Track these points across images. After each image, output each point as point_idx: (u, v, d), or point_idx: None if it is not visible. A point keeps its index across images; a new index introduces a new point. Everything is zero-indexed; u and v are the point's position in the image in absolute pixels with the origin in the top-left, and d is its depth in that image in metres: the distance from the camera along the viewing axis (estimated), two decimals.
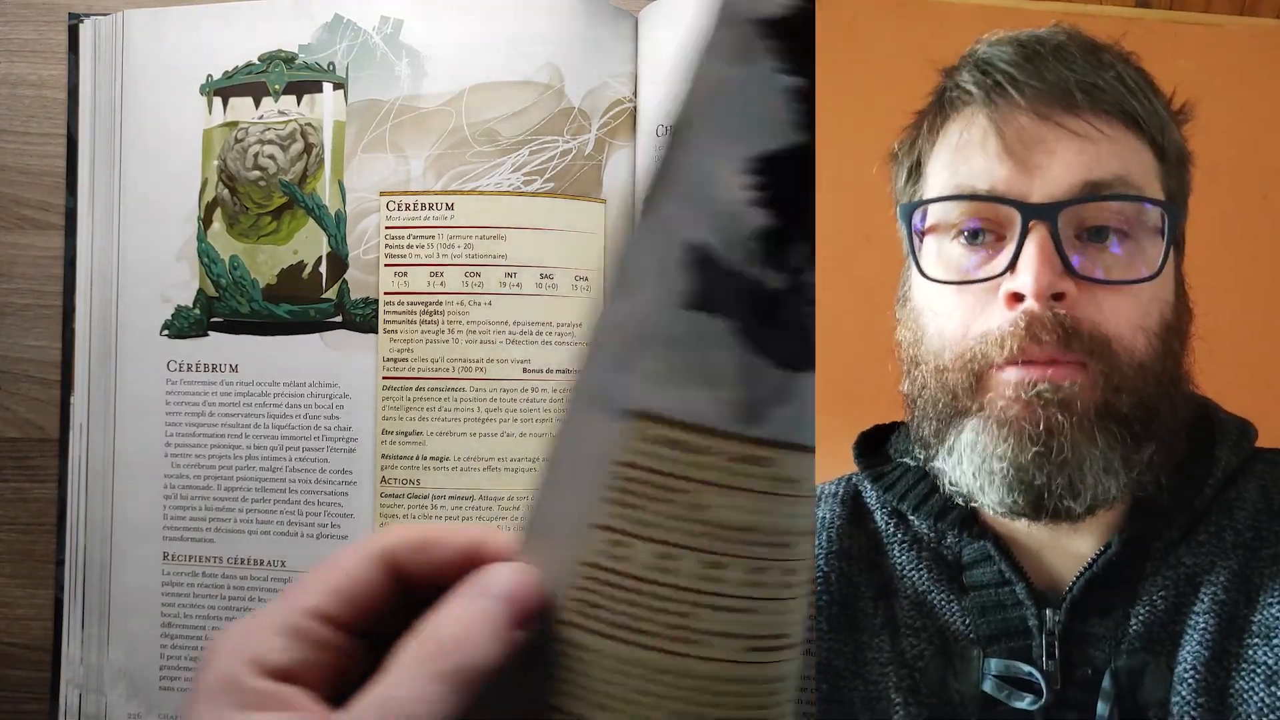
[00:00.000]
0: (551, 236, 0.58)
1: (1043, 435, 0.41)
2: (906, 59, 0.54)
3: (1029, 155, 0.42)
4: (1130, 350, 0.41)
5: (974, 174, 0.43)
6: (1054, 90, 0.42)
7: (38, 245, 0.63)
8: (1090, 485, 0.41)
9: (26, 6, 0.64)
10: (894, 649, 0.45)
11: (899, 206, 0.46)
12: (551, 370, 0.57)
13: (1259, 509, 0.44)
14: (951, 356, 0.43)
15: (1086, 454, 0.41)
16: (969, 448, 0.42)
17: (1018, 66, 0.43)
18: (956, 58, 0.46)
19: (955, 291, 0.43)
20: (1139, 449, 0.42)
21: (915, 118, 0.47)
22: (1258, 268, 0.52)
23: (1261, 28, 0.58)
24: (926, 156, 0.46)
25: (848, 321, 0.52)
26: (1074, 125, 0.42)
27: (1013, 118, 0.43)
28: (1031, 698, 0.42)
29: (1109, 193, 0.42)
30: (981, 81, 0.43)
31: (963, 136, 0.44)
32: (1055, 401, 0.41)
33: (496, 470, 0.57)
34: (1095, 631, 0.43)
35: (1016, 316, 0.41)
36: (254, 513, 0.60)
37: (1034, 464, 0.41)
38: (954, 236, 0.44)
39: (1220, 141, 0.45)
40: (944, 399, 0.43)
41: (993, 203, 0.42)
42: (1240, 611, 0.42)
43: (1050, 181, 0.42)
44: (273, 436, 0.59)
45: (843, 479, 0.49)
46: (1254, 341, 0.50)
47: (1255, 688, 0.41)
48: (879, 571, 0.46)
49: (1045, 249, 0.41)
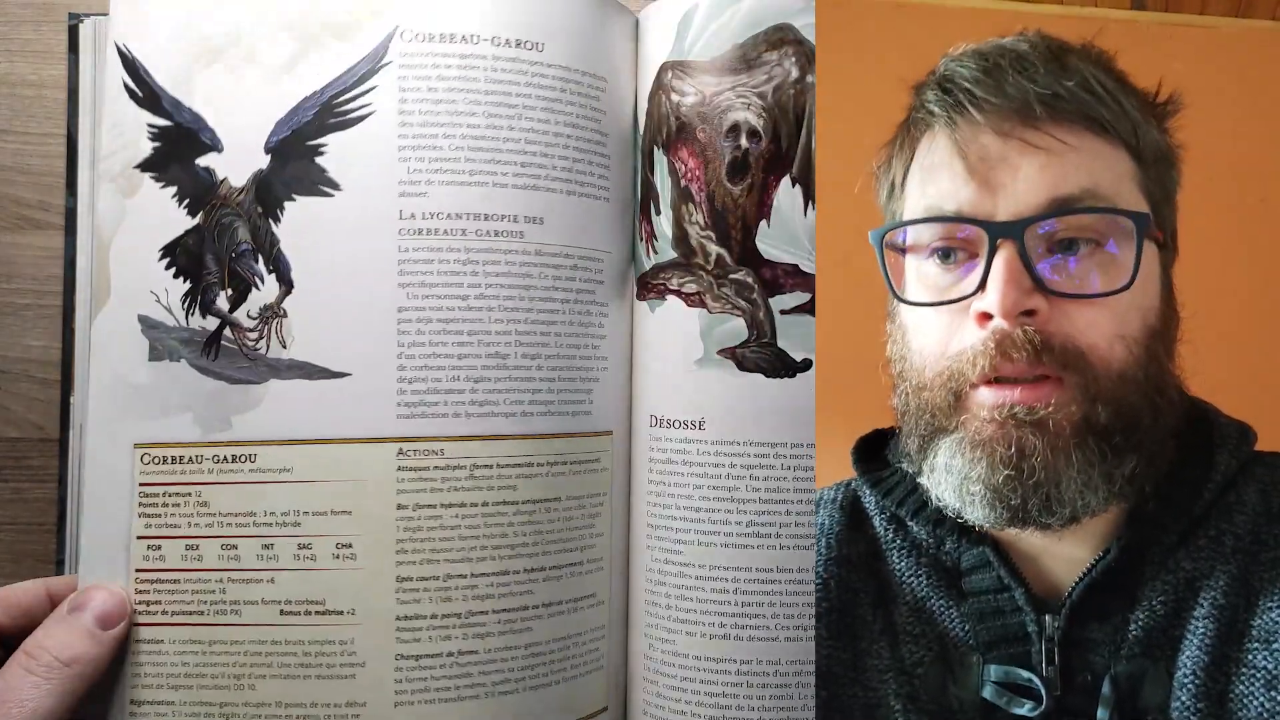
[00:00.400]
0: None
1: (1014, 457, 0.41)
2: (905, 64, 0.53)
3: (992, 174, 0.42)
4: (1107, 360, 0.41)
5: (941, 195, 0.43)
6: (1013, 104, 0.42)
7: (38, 245, 0.63)
8: (1070, 501, 0.41)
9: (26, 6, 0.64)
10: (893, 655, 0.45)
11: (870, 233, 0.46)
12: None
13: (1259, 513, 0.44)
14: (932, 374, 0.43)
15: (1062, 474, 0.41)
16: (945, 469, 0.43)
17: (978, 83, 0.43)
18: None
19: (934, 311, 0.43)
20: (1120, 462, 0.42)
21: (895, 133, 0.47)
22: (1256, 270, 0.52)
23: (1257, 29, 0.58)
24: (899, 176, 0.46)
25: (846, 326, 0.52)
26: (1036, 139, 0.42)
27: (974, 137, 0.42)
28: (1031, 704, 0.42)
29: (1077, 206, 0.41)
30: (943, 101, 0.43)
31: (930, 158, 0.44)
32: (1029, 422, 0.41)
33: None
34: (1095, 637, 0.43)
35: (987, 335, 0.41)
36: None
37: (1006, 485, 0.41)
38: (929, 256, 0.44)
39: (1217, 144, 0.45)
40: (924, 417, 0.44)
41: (959, 223, 0.42)
42: (1240, 616, 0.42)
43: (1015, 199, 0.42)
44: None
45: (842, 484, 0.49)
46: (1252, 344, 0.50)
47: (1255, 692, 0.41)
48: (878, 577, 0.46)
49: (1012, 267, 0.41)
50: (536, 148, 0.53)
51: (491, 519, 0.51)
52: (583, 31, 0.55)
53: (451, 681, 0.51)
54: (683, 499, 0.53)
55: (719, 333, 0.53)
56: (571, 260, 0.54)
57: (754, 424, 0.52)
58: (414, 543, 0.51)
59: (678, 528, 0.53)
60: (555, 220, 0.54)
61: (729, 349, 0.53)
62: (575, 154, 0.55)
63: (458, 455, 0.51)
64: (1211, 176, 0.46)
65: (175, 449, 0.51)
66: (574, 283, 0.54)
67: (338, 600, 0.50)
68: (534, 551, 0.52)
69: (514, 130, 0.53)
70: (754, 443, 0.52)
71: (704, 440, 0.53)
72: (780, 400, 0.52)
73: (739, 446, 0.52)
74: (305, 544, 0.51)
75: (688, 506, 0.53)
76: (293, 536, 0.51)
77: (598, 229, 0.55)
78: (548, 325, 0.53)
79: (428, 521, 0.51)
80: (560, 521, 0.53)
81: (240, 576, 0.51)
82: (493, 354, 0.52)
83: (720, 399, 0.53)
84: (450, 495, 0.51)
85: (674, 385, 0.54)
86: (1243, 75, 0.54)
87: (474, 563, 0.51)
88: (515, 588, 0.52)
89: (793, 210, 0.53)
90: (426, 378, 0.51)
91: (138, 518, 0.51)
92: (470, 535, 0.51)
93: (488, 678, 0.51)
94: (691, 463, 0.53)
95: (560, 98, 0.54)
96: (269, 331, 0.51)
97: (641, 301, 0.56)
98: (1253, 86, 0.53)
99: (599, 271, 0.55)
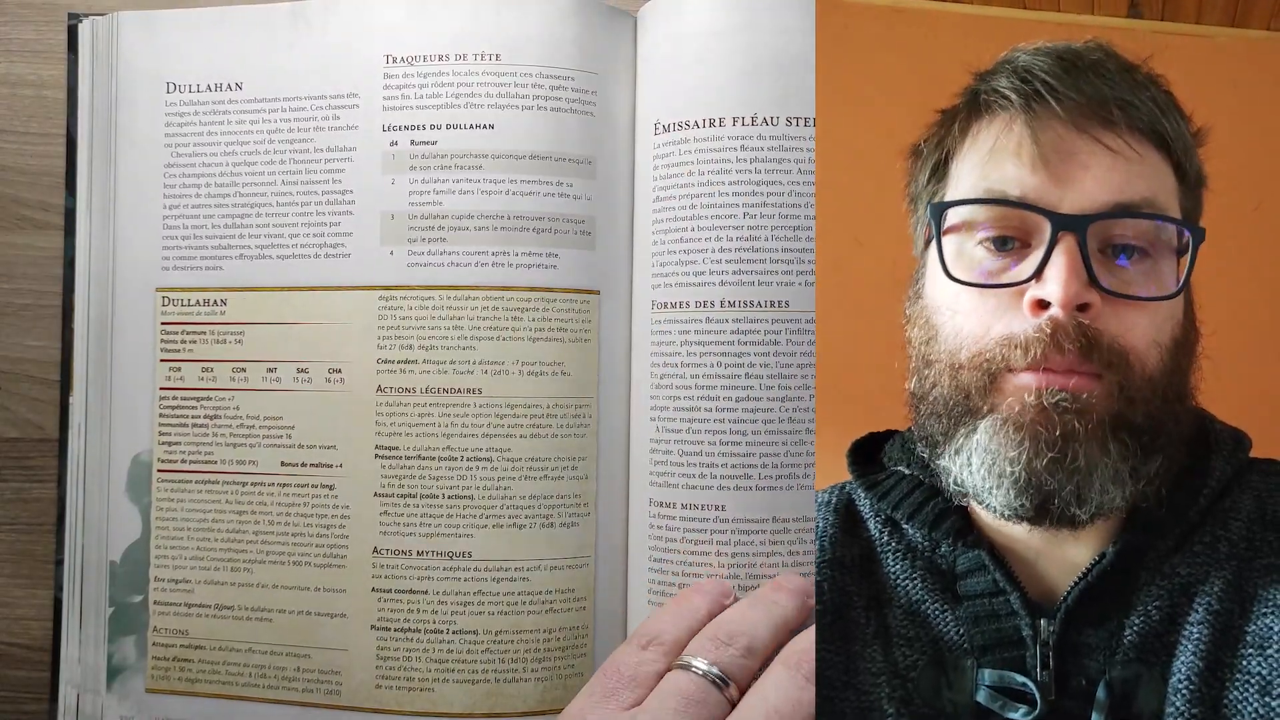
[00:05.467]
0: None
1: (1058, 441, 0.41)
2: (900, 68, 0.54)
3: (1062, 166, 0.42)
4: (1144, 364, 0.42)
5: (1006, 180, 0.43)
6: (1092, 104, 0.43)
7: (38, 245, 0.63)
8: (1098, 493, 0.41)
9: (26, 6, 0.64)
10: (886, 659, 0.45)
11: (929, 205, 0.46)
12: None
13: (1253, 519, 0.44)
14: (968, 355, 0.43)
15: (1099, 462, 0.41)
16: (980, 448, 0.42)
17: (1057, 78, 0.43)
18: (947, 66, 0.46)
19: (977, 293, 0.43)
20: (1147, 460, 0.42)
21: (940, 116, 0.47)
22: (1250, 278, 0.53)
23: (1252, 39, 0.58)
24: (954, 156, 0.46)
25: (841, 327, 0.52)
26: (1109, 140, 0.42)
27: (1049, 127, 0.43)
28: (1025, 708, 0.42)
29: (1139, 211, 0.42)
30: (1020, 89, 0.43)
31: (997, 141, 0.44)
32: (1073, 409, 0.41)
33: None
34: (1090, 642, 0.43)
35: (1042, 323, 0.41)
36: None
37: (1047, 469, 0.41)
38: (977, 240, 0.44)
39: (1211, 153, 0.46)
40: (956, 398, 0.43)
41: (1024, 210, 0.43)
42: (1234, 621, 0.42)
43: (1082, 195, 0.42)
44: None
45: (836, 487, 0.50)
46: (1247, 352, 0.50)
47: (1249, 698, 0.41)
48: (872, 581, 0.46)
49: (1073, 260, 0.41)
50: None
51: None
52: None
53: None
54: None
55: None
56: None
57: None
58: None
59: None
60: None
61: None
62: None
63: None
64: (1207, 189, 0.46)
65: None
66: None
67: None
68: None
69: None
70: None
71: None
72: None
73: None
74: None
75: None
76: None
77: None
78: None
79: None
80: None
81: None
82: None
83: None
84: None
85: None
86: (1237, 84, 0.54)
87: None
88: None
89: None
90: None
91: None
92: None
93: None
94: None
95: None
96: None
97: None
98: (1248, 95, 0.54)
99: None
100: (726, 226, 0.55)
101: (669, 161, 0.57)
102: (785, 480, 0.54)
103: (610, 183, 0.59)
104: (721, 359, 0.55)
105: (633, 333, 0.59)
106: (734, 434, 0.54)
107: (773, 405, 0.54)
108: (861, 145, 0.54)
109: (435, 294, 0.57)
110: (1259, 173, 0.53)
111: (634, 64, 0.60)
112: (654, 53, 0.59)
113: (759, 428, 0.54)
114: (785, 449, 0.54)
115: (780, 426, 0.54)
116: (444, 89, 0.58)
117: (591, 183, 0.58)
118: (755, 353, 0.54)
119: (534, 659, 0.56)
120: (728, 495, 0.54)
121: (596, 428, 0.58)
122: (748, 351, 0.55)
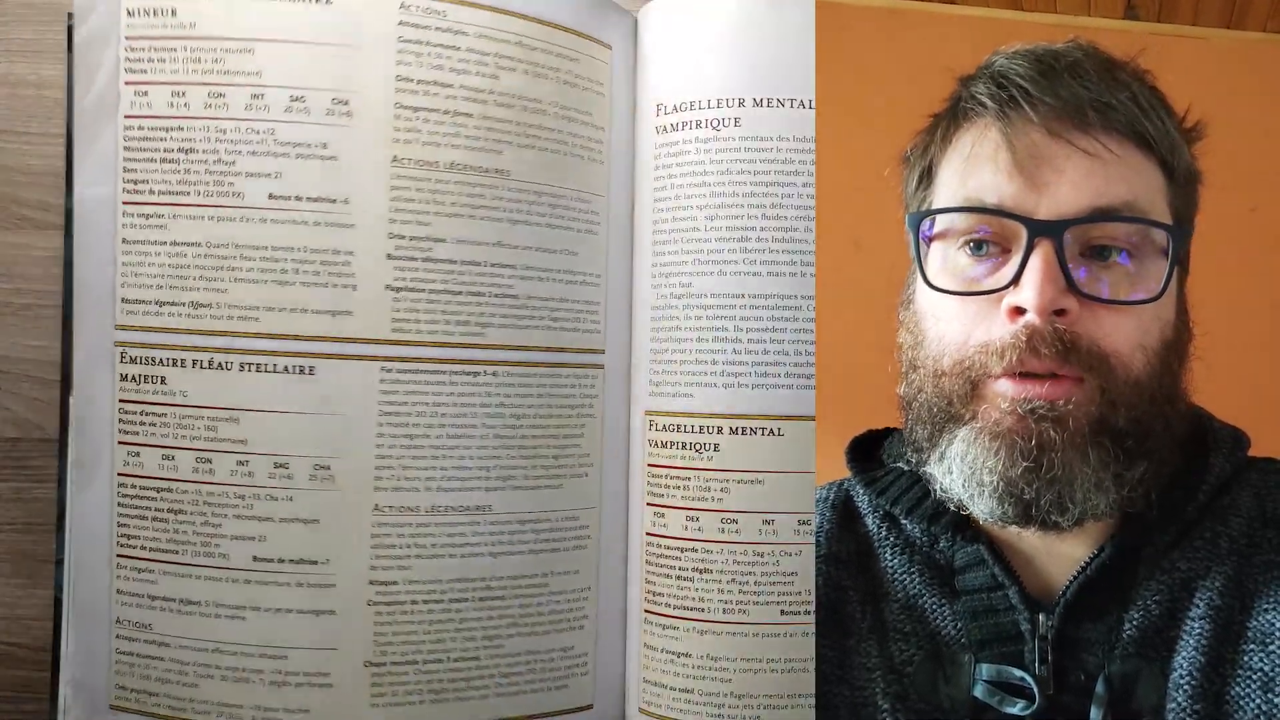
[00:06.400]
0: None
1: (1034, 450, 0.41)
2: (899, 70, 0.54)
3: (1038, 172, 0.42)
4: (1128, 367, 0.42)
5: (983, 187, 0.43)
6: (1067, 107, 0.43)
7: (38, 245, 0.63)
8: (1080, 501, 0.42)
9: (26, 6, 0.64)
10: (882, 654, 0.45)
11: (907, 216, 0.46)
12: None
13: (1253, 517, 0.44)
14: (950, 362, 0.43)
15: (1078, 471, 0.41)
16: (959, 457, 0.43)
17: (1033, 81, 0.43)
18: (947, 67, 0.47)
19: (959, 299, 0.44)
20: (1131, 466, 0.42)
21: (929, 122, 0.47)
22: (1246, 278, 0.53)
23: (1248, 41, 0.59)
24: (938, 163, 0.46)
25: (840, 328, 0.52)
26: (1085, 144, 0.42)
27: (1025, 133, 0.43)
28: (1023, 703, 0.43)
29: (1117, 214, 0.42)
30: (996, 94, 0.44)
31: (974, 148, 0.44)
32: (1050, 417, 0.41)
33: None
34: (1088, 636, 0.43)
35: (1018, 329, 0.41)
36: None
37: (1023, 478, 0.41)
38: (960, 245, 0.44)
39: (1207, 155, 0.46)
40: (939, 404, 0.44)
41: (999, 217, 0.43)
42: (1236, 617, 0.42)
43: (1058, 200, 0.42)
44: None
45: (834, 484, 0.50)
46: (1244, 351, 0.50)
47: (1251, 694, 0.41)
48: (868, 576, 0.47)
49: (1049, 265, 0.41)
50: None
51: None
52: None
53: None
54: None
55: None
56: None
57: None
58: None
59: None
60: None
61: None
62: None
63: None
64: (1203, 184, 0.46)
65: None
66: None
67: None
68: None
69: None
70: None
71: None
72: None
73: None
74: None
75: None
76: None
77: None
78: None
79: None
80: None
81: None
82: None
83: None
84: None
85: None
86: (1233, 85, 0.55)
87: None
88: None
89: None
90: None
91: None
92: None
93: None
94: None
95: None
96: None
97: None
98: (1245, 97, 0.54)
99: None
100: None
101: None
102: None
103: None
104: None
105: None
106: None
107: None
108: (861, 147, 0.54)
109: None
110: (1255, 174, 0.53)
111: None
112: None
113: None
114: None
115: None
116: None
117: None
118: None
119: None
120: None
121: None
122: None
